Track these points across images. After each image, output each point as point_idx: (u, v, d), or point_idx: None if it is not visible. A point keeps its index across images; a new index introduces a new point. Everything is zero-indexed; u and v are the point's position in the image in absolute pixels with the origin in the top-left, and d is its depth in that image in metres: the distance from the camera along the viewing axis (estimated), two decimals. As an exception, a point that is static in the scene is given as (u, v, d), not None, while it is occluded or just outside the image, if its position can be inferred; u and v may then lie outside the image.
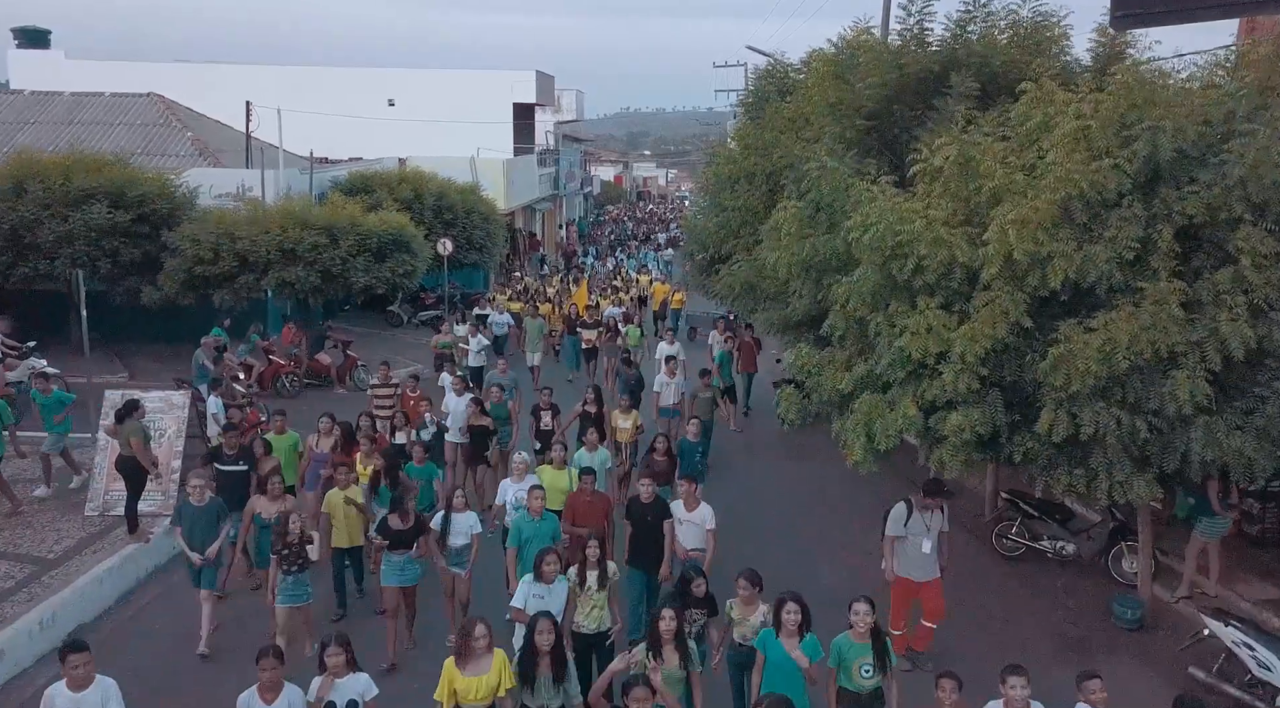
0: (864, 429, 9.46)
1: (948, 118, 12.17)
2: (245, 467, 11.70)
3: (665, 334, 19.97)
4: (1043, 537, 12.64)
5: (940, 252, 9.01)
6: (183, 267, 21.26)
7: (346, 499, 10.59)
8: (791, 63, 19.41)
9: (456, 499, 10.00)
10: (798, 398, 10.70)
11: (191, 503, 10.13)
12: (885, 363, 9.41)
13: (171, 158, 26.54)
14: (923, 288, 9.36)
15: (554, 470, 10.96)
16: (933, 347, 8.95)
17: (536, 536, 9.35)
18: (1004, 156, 9.45)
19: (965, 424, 8.88)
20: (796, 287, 11.87)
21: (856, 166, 11.87)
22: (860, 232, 9.62)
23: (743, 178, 16.59)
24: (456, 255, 28.60)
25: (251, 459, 11.82)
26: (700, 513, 10.01)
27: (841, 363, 10.35)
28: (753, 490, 15.83)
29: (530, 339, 22.66)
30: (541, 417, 13.93)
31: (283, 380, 20.68)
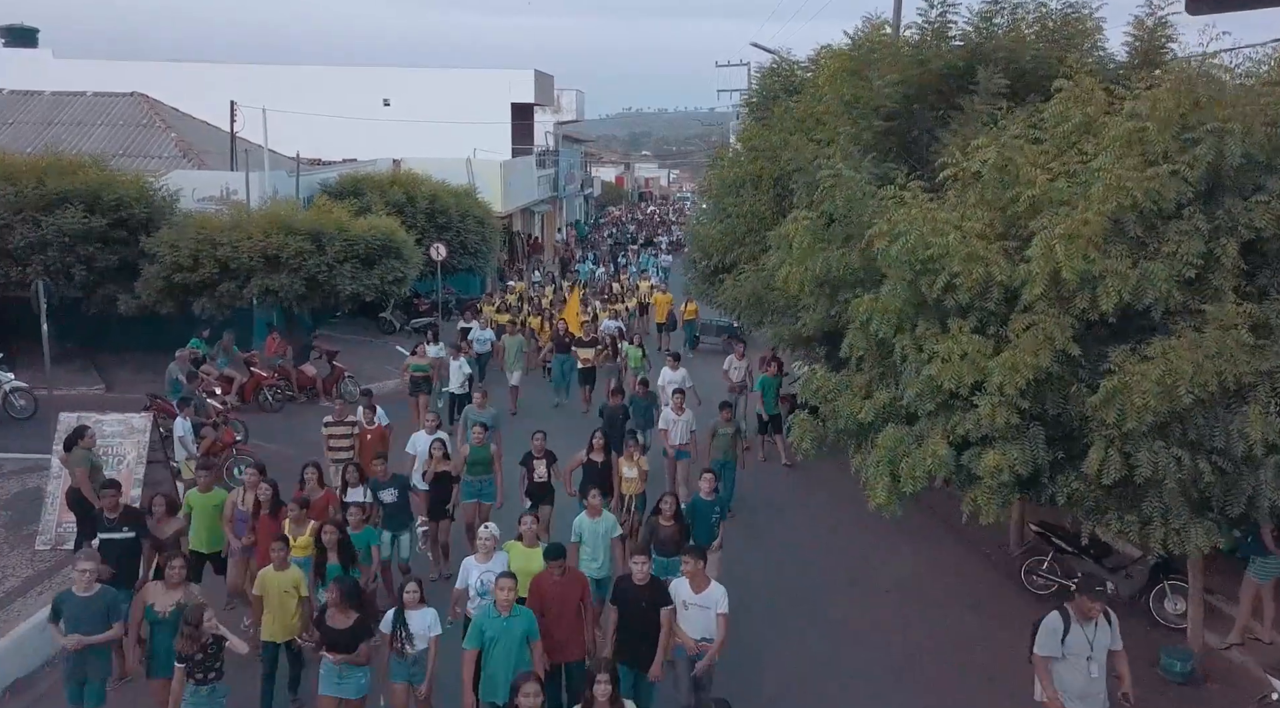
0: (888, 467, 8.46)
1: (974, 118, 11.22)
2: (133, 534, 9.16)
3: (669, 359, 17.35)
4: (1077, 574, 11.60)
5: (976, 268, 8.01)
6: (161, 274, 20.27)
7: (285, 590, 8.37)
8: (798, 60, 18.44)
9: (409, 593, 7.78)
10: (812, 425, 9.68)
11: (75, 594, 7.75)
12: (912, 393, 8.40)
13: (153, 160, 25.53)
14: (954, 308, 8.37)
15: (525, 548, 8.56)
16: (967, 376, 7.94)
17: (504, 637, 7.41)
18: (1045, 161, 8.45)
19: (1003, 464, 7.87)
20: (809, 302, 10.88)
21: (874, 171, 10.90)
22: (888, 242, 8.62)
23: (748, 182, 15.63)
24: (450, 260, 27.60)
25: (141, 525, 9.33)
26: (710, 595, 7.95)
27: (861, 388, 9.35)
28: (775, 544, 13.62)
29: (510, 357, 20.27)
30: (535, 467, 11.58)
31: (265, 393, 19.69)
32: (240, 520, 9.96)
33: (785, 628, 10.79)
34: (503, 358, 20.59)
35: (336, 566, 8.84)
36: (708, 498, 10.22)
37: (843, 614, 11.30)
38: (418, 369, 18.08)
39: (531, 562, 8.32)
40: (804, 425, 9.59)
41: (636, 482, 11.64)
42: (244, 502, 10.02)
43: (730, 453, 13.78)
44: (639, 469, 11.67)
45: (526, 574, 8.14)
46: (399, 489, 10.82)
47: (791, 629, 10.78)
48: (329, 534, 8.95)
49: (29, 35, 41.36)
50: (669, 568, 9.07)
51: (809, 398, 9.72)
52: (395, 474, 11.01)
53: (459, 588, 8.55)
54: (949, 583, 12.14)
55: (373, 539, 9.75)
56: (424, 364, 18.09)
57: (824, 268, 9.94)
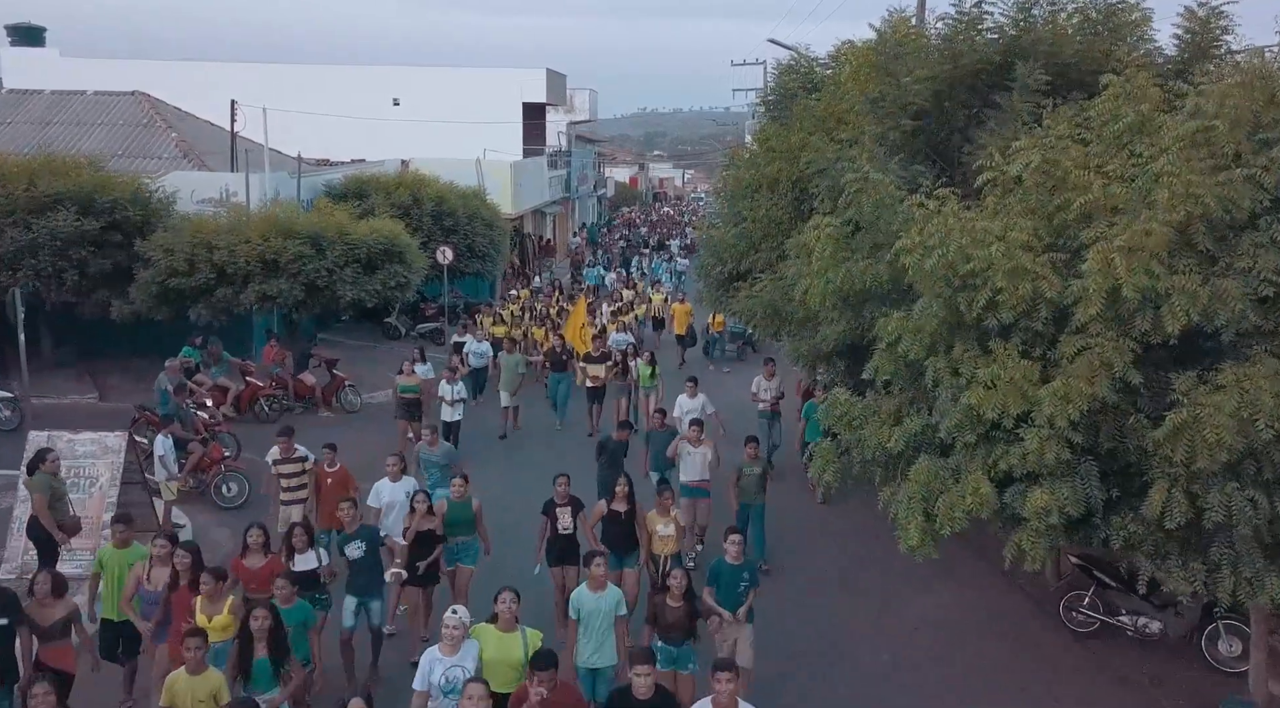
0: (921, 505, 7.60)
1: (1012, 116, 10.34)
2: (3, 620, 7.43)
3: (687, 385, 14.78)
4: (1122, 611, 10.71)
5: (1022, 285, 7.14)
6: (155, 279, 19.56)
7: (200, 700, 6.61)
8: (818, 57, 17.56)
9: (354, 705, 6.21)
10: (834, 455, 8.82)
11: None
12: (949, 423, 7.54)
13: (153, 160, 24.93)
14: (996, 328, 7.50)
15: (500, 633, 7.08)
16: (1012, 405, 7.08)
17: None
18: (1099, 164, 7.57)
19: (1052, 504, 7.00)
20: (831, 316, 10.03)
21: (901, 174, 10.04)
22: (919, 256, 7.76)
23: (765, 184, 14.76)
24: (457, 264, 26.86)
25: (14, 609, 7.52)
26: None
27: (889, 414, 8.49)
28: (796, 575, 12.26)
29: (505, 376, 18.48)
30: (559, 517, 9.90)
31: (261, 403, 18.95)
32: (148, 603, 8.12)
33: (807, 668, 9.94)
34: (498, 376, 19.00)
35: (266, 661, 7.06)
36: (734, 562, 8.48)
37: (868, 653, 10.44)
38: (406, 390, 16.59)
39: (509, 651, 7.03)
40: (826, 456, 8.74)
41: (672, 539, 9.77)
42: (150, 580, 8.13)
43: (759, 496, 12.01)
44: (675, 525, 9.85)
45: (502, 667, 6.99)
46: (368, 543, 9.15)
47: (814, 670, 9.94)
48: (259, 620, 6.99)
49: (35, 34, 40.90)
50: (677, 659, 7.93)
51: (831, 424, 8.85)
52: (364, 525, 9.48)
53: (418, 689, 6.88)
54: (981, 619, 11.26)
55: (310, 618, 7.88)
56: (413, 385, 16.58)
57: (847, 281, 9.10)
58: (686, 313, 25.22)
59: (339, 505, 9.43)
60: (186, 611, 7.61)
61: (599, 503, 10.22)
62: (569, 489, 10.00)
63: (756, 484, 11.94)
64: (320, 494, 10.97)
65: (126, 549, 8.53)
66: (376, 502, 10.41)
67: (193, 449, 14.27)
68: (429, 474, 12.03)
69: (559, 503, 9.92)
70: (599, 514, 10.04)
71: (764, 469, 12.12)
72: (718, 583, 8.48)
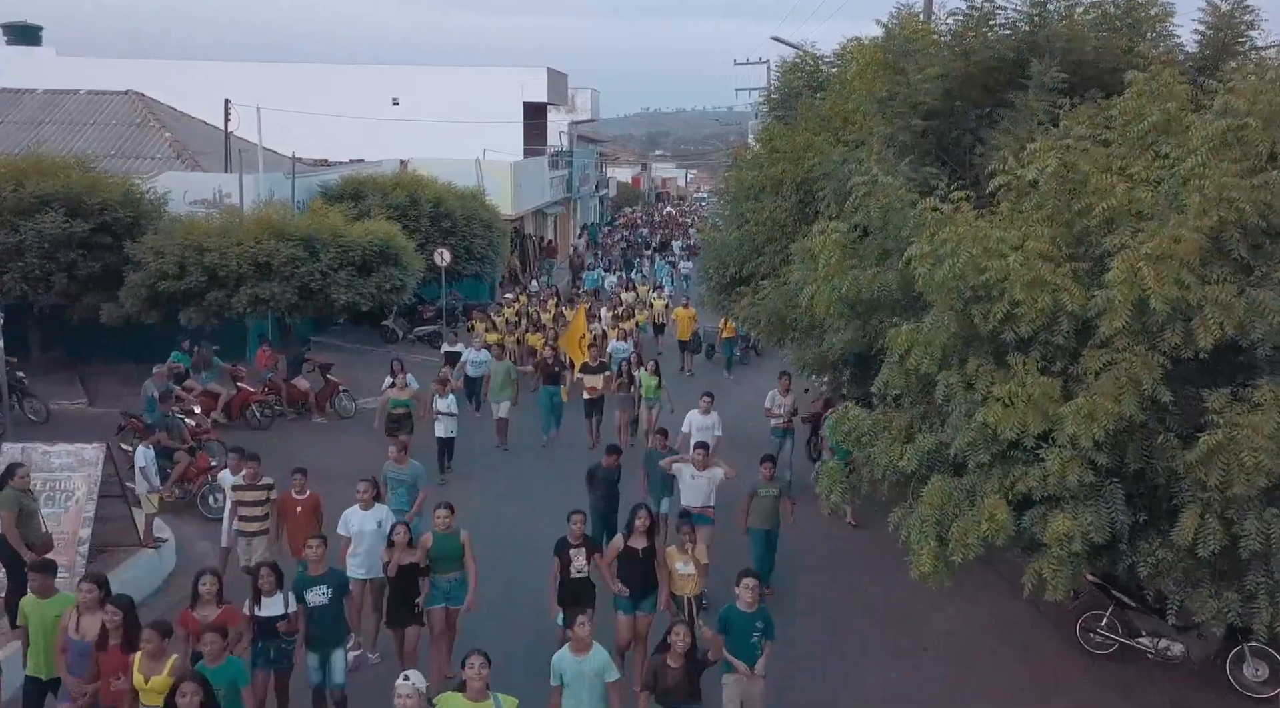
0: (934, 529, 7.15)
1: (1027, 116, 9.91)
2: None
3: (701, 400, 13.51)
4: (1141, 632, 10.24)
5: (1042, 296, 6.70)
6: (145, 282, 19.13)
7: None
8: (823, 55, 17.14)
9: None
10: (841, 473, 8.37)
11: None
12: (962, 442, 7.10)
13: (146, 160, 24.51)
14: (1013, 342, 7.06)
15: (469, 703, 6.26)
16: (1033, 424, 6.63)
17: None
18: (1122, 167, 7.13)
19: (1075, 530, 6.56)
20: (838, 324, 9.59)
21: (911, 176, 9.61)
22: (929, 265, 7.32)
23: (768, 186, 14.36)
24: (456, 266, 26.42)
25: None
26: None
27: (900, 431, 8.05)
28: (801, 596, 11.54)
29: (496, 384, 17.36)
30: (572, 558, 8.82)
31: (252, 409, 18.51)
32: (78, 654, 7.11)
33: (814, 690, 9.48)
34: (488, 386, 17.73)
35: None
36: (747, 610, 7.58)
37: (877, 676, 9.97)
38: (397, 405, 15.17)
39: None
40: (833, 474, 8.29)
41: (693, 579, 8.80)
42: (77, 628, 7.17)
43: (773, 520, 10.99)
44: (695, 563, 8.81)
45: None
46: (334, 589, 8.09)
47: (821, 692, 9.48)
48: (186, 697, 6.01)
49: (32, 33, 40.50)
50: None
51: (840, 441, 8.41)
52: (332, 568, 8.37)
53: None
54: (994, 640, 10.80)
55: (240, 677, 6.87)
56: (405, 399, 15.24)
57: (854, 289, 8.66)
58: (690, 318, 24.28)
59: (308, 541, 8.42)
60: (117, 672, 6.83)
61: (616, 538, 9.13)
62: (584, 528, 9.04)
63: (772, 507, 10.92)
64: (288, 526, 9.98)
65: (49, 599, 7.58)
66: (345, 531, 9.37)
67: (178, 458, 13.86)
68: (394, 494, 10.95)
69: (573, 543, 8.85)
70: (615, 550, 8.93)
71: (781, 491, 11.01)
72: (728, 632, 7.70)
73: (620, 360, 19.02)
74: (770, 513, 10.93)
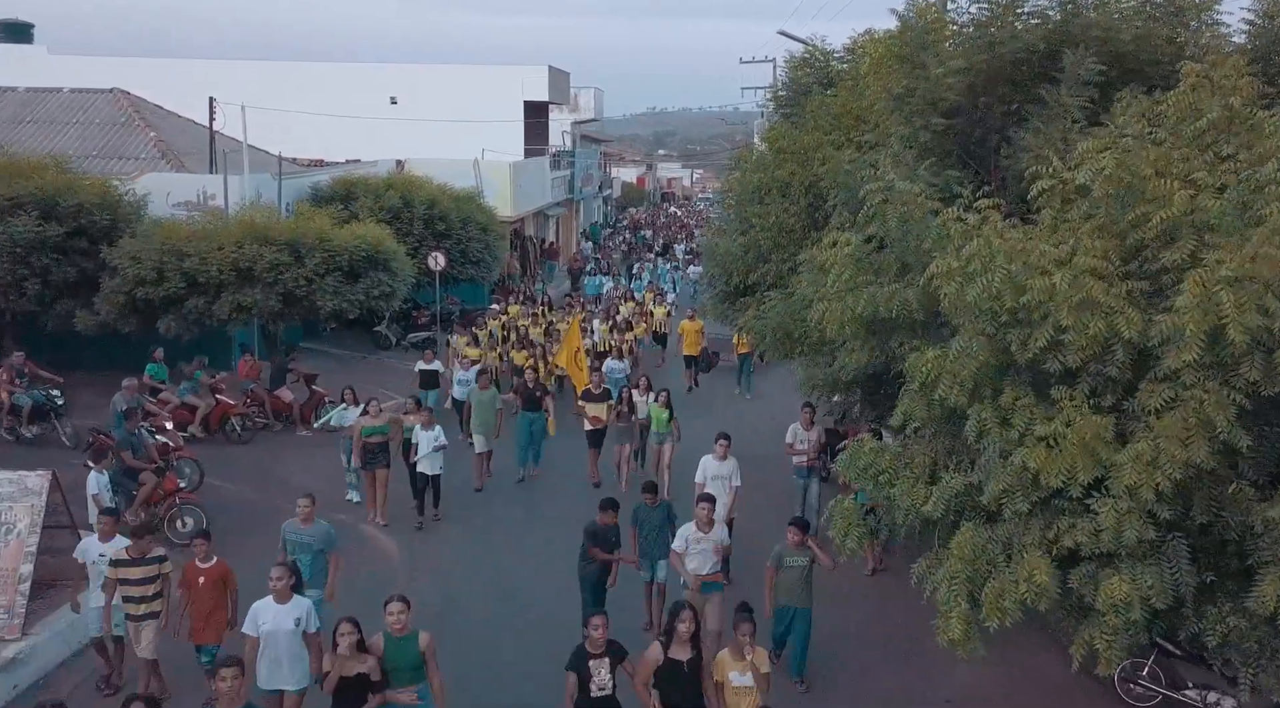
0: (965, 588, 6.21)
1: (1060, 113, 8.97)
2: None
3: (718, 444, 11.46)
4: (1187, 683, 9.29)
5: (1094, 322, 5.75)
6: (122, 288, 18.29)
7: None
8: (833, 49, 16.18)
9: None
10: (857, 515, 7.43)
11: None
12: (996, 487, 6.16)
13: (130, 161, 23.67)
14: (1058, 372, 6.12)
15: None
16: (1082, 471, 5.69)
17: None
18: (1187, 172, 6.18)
19: (1133, 595, 5.61)
20: (852, 345, 8.66)
21: (932, 182, 8.66)
22: (958, 284, 6.39)
23: (775, 189, 13.42)
24: (451, 270, 25.52)
25: None
26: None
27: (923, 468, 7.11)
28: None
29: (478, 416, 15.25)
30: (594, 672, 7.02)
31: (232, 423, 17.62)
32: None
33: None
34: (467, 417, 15.78)
35: None
36: None
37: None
38: (371, 433, 13.40)
39: None
40: (848, 517, 7.32)
41: (751, 694, 7.05)
42: None
43: (805, 596, 9.05)
44: (754, 671, 7.07)
45: None
46: None
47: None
48: None
49: (23, 30, 39.67)
50: None
51: (854, 478, 7.46)
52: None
53: None
54: (1024, 692, 9.84)
55: None
56: (381, 426, 13.48)
57: (870, 307, 7.72)
58: (697, 331, 21.93)
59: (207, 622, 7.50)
60: None
61: (653, 649, 7.16)
62: (607, 634, 7.07)
63: (802, 580, 9.01)
64: (191, 602, 8.35)
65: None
66: (253, 630, 7.46)
67: (144, 480, 12.99)
68: (293, 562, 8.69)
69: (593, 653, 7.02)
70: (653, 664, 7.07)
71: (812, 560, 9.02)
72: None
73: (617, 384, 17.32)
74: (800, 587, 9.00)
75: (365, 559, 12.45)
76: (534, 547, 13.17)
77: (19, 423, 16.15)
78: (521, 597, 11.58)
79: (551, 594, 11.28)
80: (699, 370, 22.27)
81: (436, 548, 13.31)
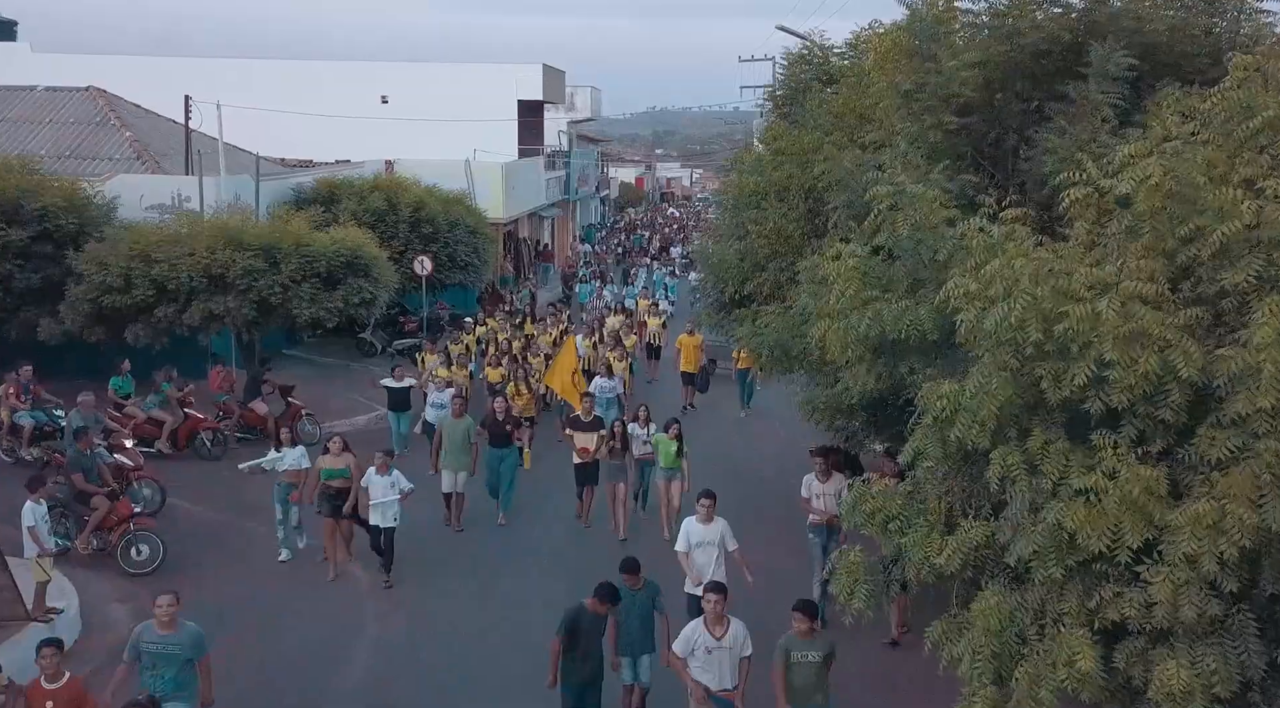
0: (991, 664, 5.32)
1: (1087, 112, 8.09)
2: None
3: (700, 505, 9.36)
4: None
5: (1146, 358, 4.87)
6: (87, 296, 17.49)
7: None
8: (834, 45, 15.29)
9: None
10: (863, 568, 6.54)
11: None
12: (1025, 549, 5.27)
13: (104, 161, 22.83)
14: (1100, 413, 5.23)
15: None
16: (1132, 534, 4.81)
17: None
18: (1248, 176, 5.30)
19: (1195, 684, 4.72)
20: (856, 370, 7.78)
21: (946, 186, 7.79)
22: (979, 309, 5.51)
23: (772, 192, 12.53)
24: (438, 275, 24.63)
25: None
26: None
27: (937, 516, 6.23)
28: None
29: (449, 449, 13.25)
30: None
31: (201, 438, 16.72)
32: None
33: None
34: (437, 451, 13.67)
35: None
36: None
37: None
38: (332, 476, 11.74)
39: None
40: (854, 570, 6.42)
41: None
42: None
43: (821, 697, 7.32)
44: None
45: None
46: None
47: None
48: None
49: (6, 28, 38.82)
50: None
51: (859, 525, 6.58)
52: None
53: None
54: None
55: None
56: (342, 469, 11.71)
57: (876, 328, 6.85)
58: (696, 346, 19.84)
59: None
60: None
61: None
62: None
63: (816, 678, 7.26)
64: None
65: None
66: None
67: (96, 504, 12.13)
68: (151, 678, 7.18)
69: None
70: None
71: (829, 653, 7.32)
72: None
73: (608, 404, 15.75)
74: (814, 687, 7.24)
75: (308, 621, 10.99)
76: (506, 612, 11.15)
77: (19, 444, 15.25)
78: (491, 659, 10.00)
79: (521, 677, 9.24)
80: (697, 389, 20.40)
81: (385, 606, 11.43)
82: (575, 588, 9.45)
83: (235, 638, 9.88)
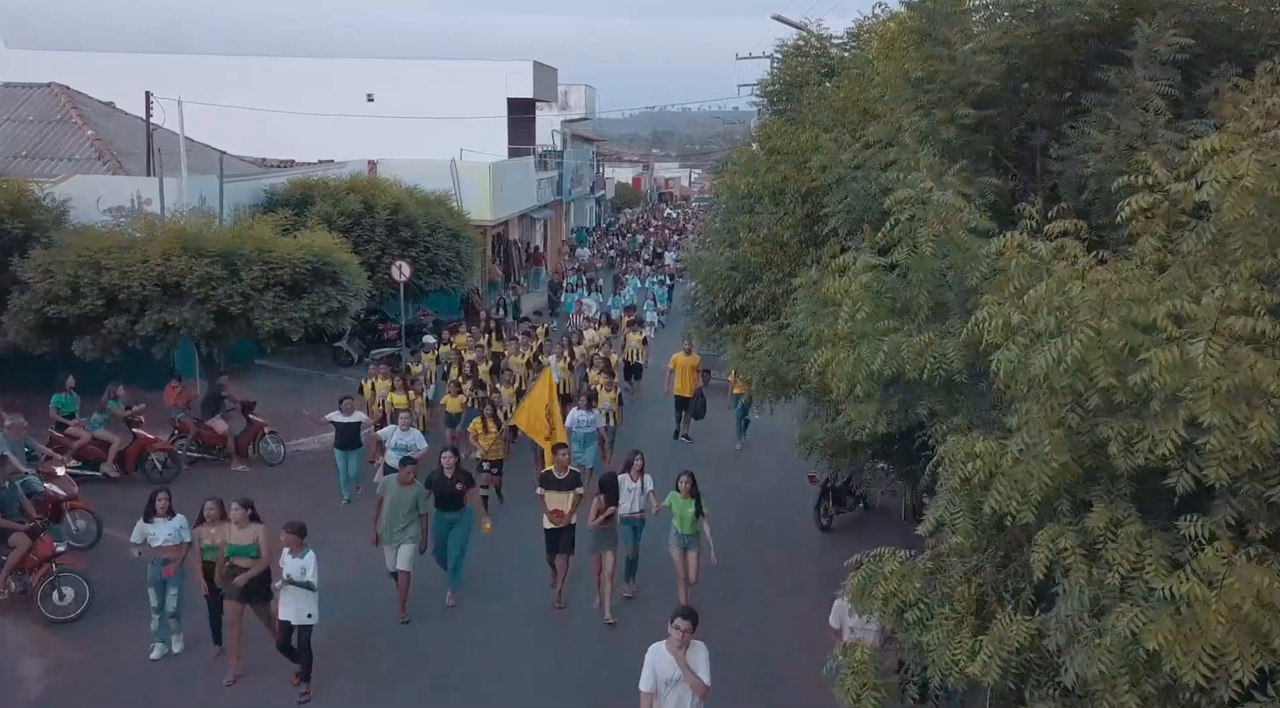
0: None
1: (1131, 103, 6.87)
2: None
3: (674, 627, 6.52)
4: None
5: (1258, 421, 3.64)
6: (32, 305, 16.29)
7: None
8: (834, 35, 14.09)
9: None
10: (873, 670, 5.29)
11: None
12: (1088, 668, 4.04)
13: (63, 161, 21.61)
14: (1189, 490, 4.00)
15: None
16: (1242, 664, 3.58)
17: None
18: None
19: None
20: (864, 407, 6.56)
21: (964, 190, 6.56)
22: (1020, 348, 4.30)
23: (766, 196, 11.32)
24: (417, 281, 23.37)
25: None
26: None
27: (965, 604, 5.00)
28: None
29: (390, 519, 10.57)
30: None
31: (152, 460, 15.47)
32: None
33: None
34: (376, 519, 10.73)
35: None
36: None
37: None
38: (236, 553, 9.17)
39: None
40: (862, 674, 5.17)
41: None
42: None
43: None
44: None
45: None
46: None
47: None
48: None
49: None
50: None
51: (872, 611, 5.34)
52: None
53: None
54: None
55: None
56: (247, 546, 9.18)
57: (892, 364, 5.62)
58: (693, 367, 17.62)
59: None
60: None
61: None
62: None
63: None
64: None
65: None
66: None
67: (15, 542, 10.91)
68: None
69: None
70: None
71: None
72: None
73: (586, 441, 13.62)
74: None
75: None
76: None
77: None
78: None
79: None
80: (693, 415, 17.82)
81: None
82: (547, 692, 7.86)
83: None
